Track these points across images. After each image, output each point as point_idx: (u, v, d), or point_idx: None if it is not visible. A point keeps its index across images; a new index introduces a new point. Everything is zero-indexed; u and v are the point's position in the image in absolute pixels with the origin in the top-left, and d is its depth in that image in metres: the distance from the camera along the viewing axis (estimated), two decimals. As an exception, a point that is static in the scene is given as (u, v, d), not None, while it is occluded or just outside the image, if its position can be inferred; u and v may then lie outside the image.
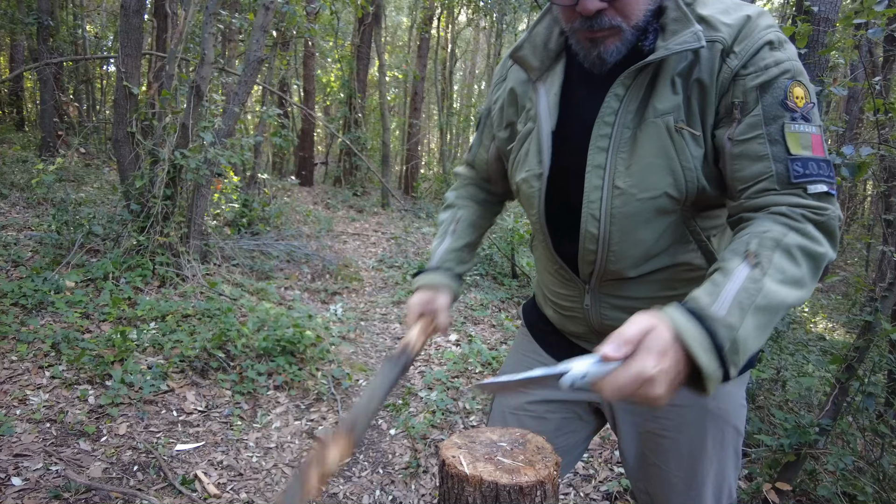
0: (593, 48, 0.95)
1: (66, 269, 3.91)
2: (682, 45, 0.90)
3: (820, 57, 2.54)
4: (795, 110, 0.89)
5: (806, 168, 0.88)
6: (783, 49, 0.92)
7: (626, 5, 0.92)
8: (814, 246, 0.84)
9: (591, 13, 0.90)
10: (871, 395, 2.29)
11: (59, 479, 2.22)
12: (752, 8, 0.95)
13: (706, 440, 1.11)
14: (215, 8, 4.47)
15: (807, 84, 0.91)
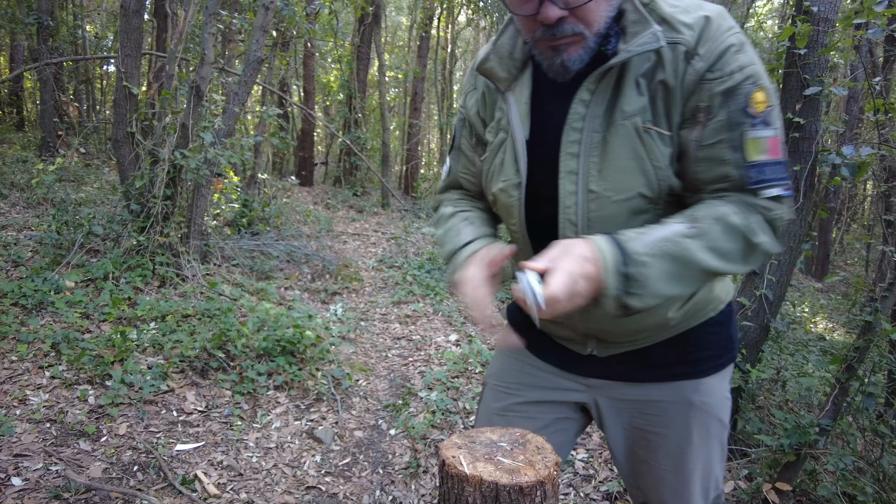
0: (556, 56, 0.96)
1: (66, 270, 3.91)
2: (643, 47, 0.92)
3: (820, 57, 2.54)
4: (756, 116, 0.93)
5: (762, 174, 0.93)
6: (745, 52, 0.94)
7: (586, 12, 0.93)
8: (753, 234, 0.92)
9: (552, 21, 0.91)
10: (871, 395, 2.29)
11: (59, 480, 2.22)
12: (711, 7, 0.96)
13: (692, 433, 1.13)
14: (215, 8, 4.47)
15: (768, 87, 0.95)
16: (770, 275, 2.66)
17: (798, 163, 2.60)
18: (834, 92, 2.45)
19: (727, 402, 1.17)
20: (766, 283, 2.65)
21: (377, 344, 4.27)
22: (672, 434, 1.13)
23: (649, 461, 1.17)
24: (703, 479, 1.16)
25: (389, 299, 5.38)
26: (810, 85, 2.51)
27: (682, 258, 0.89)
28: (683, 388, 1.12)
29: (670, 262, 0.89)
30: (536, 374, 1.25)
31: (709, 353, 1.13)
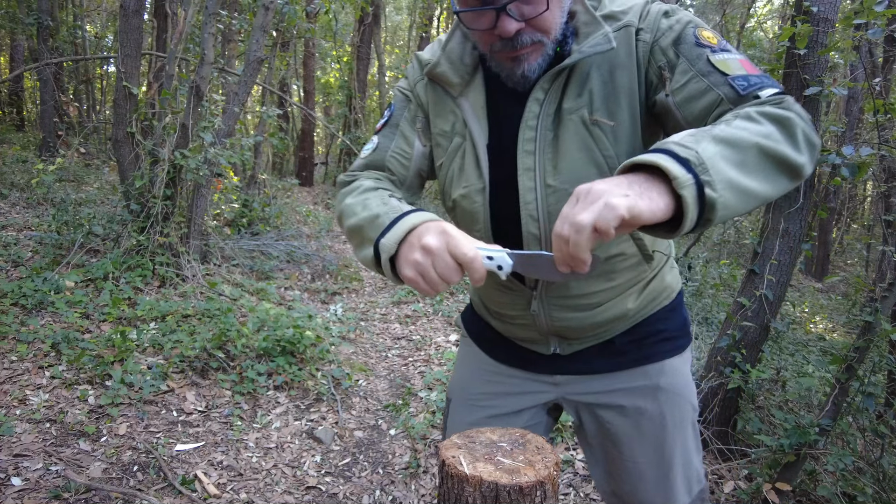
0: (516, 67, 0.97)
1: (66, 269, 3.91)
2: (595, 48, 0.96)
3: (819, 57, 2.54)
4: (712, 45, 0.95)
5: (748, 81, 0.91)
6: (678, 12, 1.00)
7: (542, 21, 0.94)
8: (777, 110, 0.85)
9: (510, 35, 0.92)
10: (870, 395, 2.29)
11: (59, 480, 2.22)
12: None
13: (665, 417, 1.14)
14: (215, 8, 4.47)
15: (711, 30, 0.99)
16: (770, 275, 2.66)
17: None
18: (834, 92, 2.45)
19: (692, 384, 1.20)
20: (765, 284, 2.65)
21: (377, 344, 4.27)
22: (645, 422, 1.14)
23: (626, 459, 1.17)
24: (683, 470, 1.17)
25: (389, 299, 5.38)
26: (810, 85, 2.51)
27: (726, 139, 0.78)
28: (648, 373, 1.15)
29: (717, 143, 0.77)
30: (502, 380, 1.24)
31: (666, 335, 1.17)
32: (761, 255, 2.71)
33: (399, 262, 0.87)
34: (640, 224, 0.71)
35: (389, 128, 1.18)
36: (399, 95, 1.19)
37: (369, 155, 1.18)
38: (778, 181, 0.81)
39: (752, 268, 2.73)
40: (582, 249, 0.72)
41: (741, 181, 0.76)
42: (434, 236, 0.83)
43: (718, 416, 2.74)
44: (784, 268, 2.68)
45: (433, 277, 0.83)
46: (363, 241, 0.96)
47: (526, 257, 0.84)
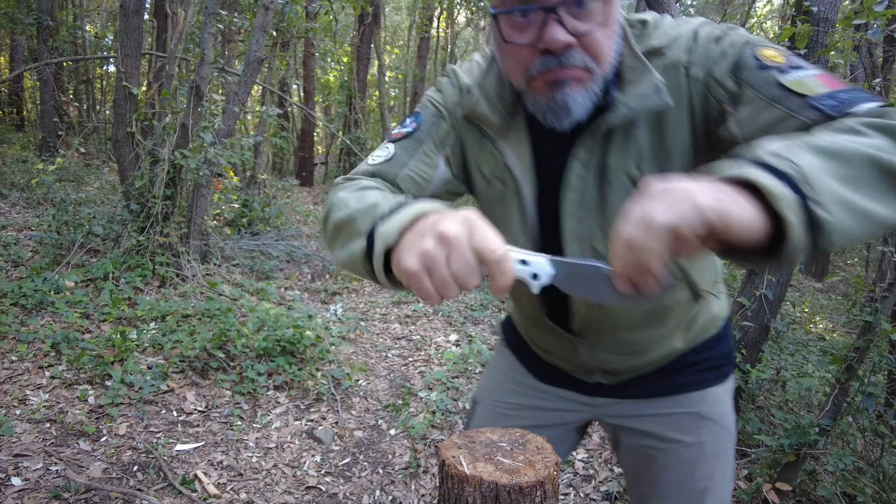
0: (557, 92, 0.82)
1: (65, 269, 3.91)
2: (644, 104, 0.84)
3: (820, 57, 2.54)
4: (779, 65, 0.80)
5: (836, 98, 0.74)
6: (731, 34, 0.86)
7: (595, 43, 0.80)
8: (885, 121, 0.68)
9: (558, 46, 0.78)
10: (870, 395, 2.29)
11: (59, 480, 2.22)
12: (691, 22, 0.90)
13: (704, 447, 1.10)
14: (215, 8, 4.47)
15: (775, 46, 0.84)
16: (770, 275, 2.66)
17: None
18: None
19: (732, 414, 1.16)
20: (765, 283, 2.65)
21: (377, 344, 4.27)
22: (683, 450, 1.10)
23: (659, 484, 1.12)
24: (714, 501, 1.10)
25: (389, 299, 5.38)
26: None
27: (829, 150, 0.64)
28: (690, 399, 1.11)
29: (818, 155, 0.63)
30: (535, 394, 1.19)
31: (711, 363, 1.12)
32: (761, 255, 2.71)
33: (399, 254, 0.68)
34: (729, 238, 0.57)
35: (411, 141, 1.01)
36: (430, 109, 1.03)
37: (381, 164, 1.00)
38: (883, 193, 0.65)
39: (753, 268, 2.73)
40: (655, 259, 0.57)
41: (855, 200, 0.62)
42: (455, 223, 0.64)
43: (718, 416, 2.74)
44: (784, 268, 2.68)
45: (444, 275, 0.64)
46: (352, 234, 0.79)
47: (573, 267, 0.68)
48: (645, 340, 1.05)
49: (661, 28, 0.90)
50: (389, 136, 1.04)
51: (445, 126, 1.02)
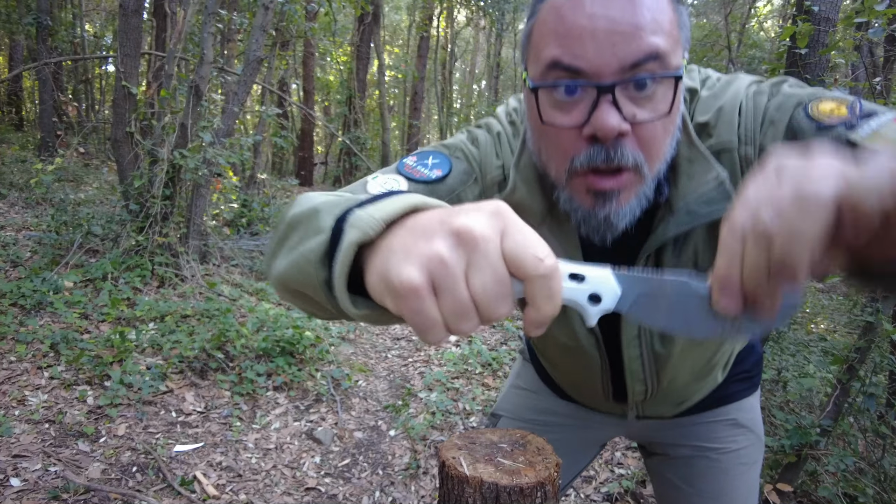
0: (599, 206, 0.69)
1: (64, 270, 3.90)
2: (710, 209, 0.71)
3: (820, 57, 2.53)
4: (844, 119, 0.66)
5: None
6: (778, 94, 0.74)
7: (653, 136, 0.66)
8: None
9: (610, 133, 0.64)
10: (872, 395, 2.28)
11: (58, 480, 2.22)
12: (734, 85, 0.78)
13: (740, 454, 1.08)
14: (214, 7, 4.46)
15: (830, 95, 0.71)
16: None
17: (799, 163, 2.59)
18: (835, 91, 2.44)
19: (761, 422, 1.14)
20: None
21: (377, 344, 4.27)
22: (717, 456, 1.07)
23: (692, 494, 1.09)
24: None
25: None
26: (811, 85, 2.50)
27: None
28: (728, 409, 1.09)
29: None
30: (563, 414, 1.14)
31: (744, 375, 1.11)
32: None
33: (385, 260, 0.44)
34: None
35: (428, 193, 0.80)
36: (463, 164, 0.84)
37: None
38: None
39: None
40: (803, 252, 0.39)
41: None
42: (481, 217, 0.43)
43: (719, 416, 2.74)
44: (785, 268, 2.68)
45: (461, 296, 0.42)
46: (308, 230, 0.54)
47: (652, 284, 0.48)
48: (693, 389, 1.02)
49: (705, 94, 0.78)
50: (403, 167, 0.82)
51: (476, 191, 0.83)
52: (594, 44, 0.63)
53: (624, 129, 0.64)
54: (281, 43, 7.33)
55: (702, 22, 11.09)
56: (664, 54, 0.64)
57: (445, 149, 0.85)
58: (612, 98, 0.63)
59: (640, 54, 0.62)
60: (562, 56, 0.64)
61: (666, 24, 0.65)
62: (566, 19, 0.64)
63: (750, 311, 0.44)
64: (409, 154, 0.86)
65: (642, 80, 0.63)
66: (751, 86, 0.77)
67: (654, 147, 0.67)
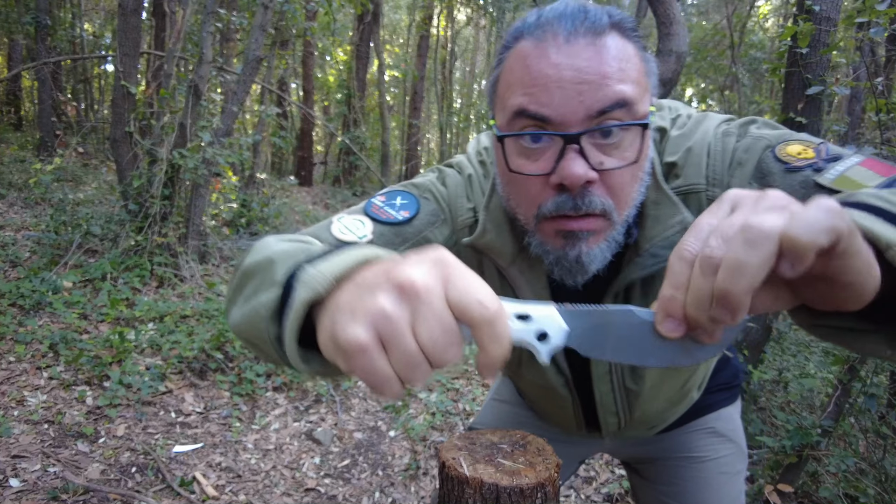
0: (569, 247, 0.69)
1: (63, 270, 3.89)
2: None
3: (821, 56, 2.53)
4: (810, 162, 0.67)
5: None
6: (746, 136, 0.74)
7: (620, 183, 0.67)
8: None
9: (577, 182, 0.64)
10: (873, 396, 2.28)
11: (58, 481, 2.21)
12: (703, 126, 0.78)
13: (720, 463, 1.09)
14: (213, 7, 4.46)
15: (797, 137, 0.72)
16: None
17: (799, 162, 2.59)
18: (836, 91, 2.44)
19: (743, 432, 1.15)
20: (767, 284, 2.64)
21: (376, 344, 4.27)
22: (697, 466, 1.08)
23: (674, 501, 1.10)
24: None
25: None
26: (812, 84, 2.50)
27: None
28: (707, 419, 1.10)
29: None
30: (540, 429, 1.14)
31: (722, 385, 1.11)
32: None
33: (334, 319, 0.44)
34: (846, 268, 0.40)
35: (395, 235, 0.80)
36: (432, 205, 0.84)
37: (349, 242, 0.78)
38: None
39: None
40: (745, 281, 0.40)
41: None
42: (422, 268, 0.44)
43: (719, 416, 2.73)
44: (785, 268, 2.67)
45: (408, 348, 0.42)
46: (263, 282, 0.55)
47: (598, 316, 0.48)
48: (668, 414, 1.03)
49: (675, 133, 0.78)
50: (370, 207, 0.82)
51: (445, 232, 0.84)
52: (560, 92, 0.63)
53: (591, 177, 0.64)
54: (280, 42, 7.33)
55: (701, 23, 11.09)
56: (631, 102, 0.64)
57: (415, 189, 0.86)
58: (578, 147, 0.64)
59: (606, 102, 0.63)
60: (528, 104, 0.65)
61: (633, 73, 0.65)
62: (532, 68, 0.65)
63: (693, 336, 0.45)
64: (378, 193, 0.86)
65: (608, 129, 0.64)
66: (720, 126, 0.77)
67: (623, 193, 0.68)
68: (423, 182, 0.87)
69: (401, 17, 18.84)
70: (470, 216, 0.84)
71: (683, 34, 3.22)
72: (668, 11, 3.20)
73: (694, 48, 7.62)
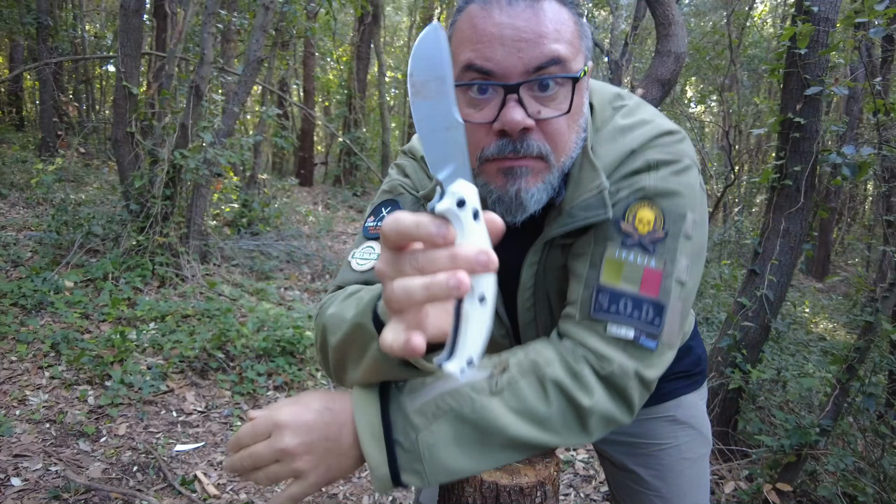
0: (510, 183, 0.75)
1: (65, 270, 3.90)
2: (588, 216, 0.78)
3: (820, 57, 2.54)
4: (630, 235, 0.77)
5: (614, 304, 0.75)
6: (654, 172, 0.79)
7: (557, 131, 0.75)
8: (578, 393, 0.72)
9: (515, 127, 0.71)
10: (871, 395, 2.28)
11: (59, 480, 2.22)
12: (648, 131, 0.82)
13: (681, 450, 1.11)
14: (214, 8, 4.47)
15: (666, 208, 0.78)
16: (770, 275, 2.65)
17: (799, 163, 2.60)
18: (834, 91, 2.45)
19: (707, 419, 1.17)
20: (766, 284, 2.65)
21: (377, 344, 4.27)
22: (659, 453, 1.11)
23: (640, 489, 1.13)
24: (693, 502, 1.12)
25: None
26: (811, 85, 2.51)
27: (475, 421, 0.69)
28: (667, 406, 1.12)
29: (459, 425, 0.69)
30: None
31: (682, 373, 1.13)
32: (762, 256, 2.71)
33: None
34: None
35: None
36: (407, 196, 0.94)
37: (371, 269, 0.88)
38: (530, 454, 0.73)
39: (753, 268, 2.73)
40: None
41: (460, 462, 0.70)
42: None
43: (719, 416, 2.74)
44: (785, 268, 2.68)
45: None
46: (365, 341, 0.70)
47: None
48: None
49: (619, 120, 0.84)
50: (367, 233, 0.93)
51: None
52: (502, 49, 0.71)
53: (528, 124, 0.72)
54: (281, 43, 7.33)
55: (700, 24, 11.08)
56: (565, 59, 0.72)
57: (389, 194, 0.96)
58: (517, 97, 0.71)
59: (542, 59, 0.71)
60: (475, 59, 0.72)
61: (567, 34, 0.73)
62: (478, 27, 0.73)
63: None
64: (366, 214, 0.95)
65: (545, 81, 0.72)
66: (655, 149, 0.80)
67: (559, 140, 0.75)
68: (392, 184, 0.96)
69: (401, 19, 18.84)
70: (433, 187, 0.92)
71: (682, 35, 3.23)
72: (667, 13, 3.21)
73: (695, 48, 7.62)
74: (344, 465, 0.71)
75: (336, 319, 0.76)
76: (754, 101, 10.00)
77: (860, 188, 11.17)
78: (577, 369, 0.73)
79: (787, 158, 2.63)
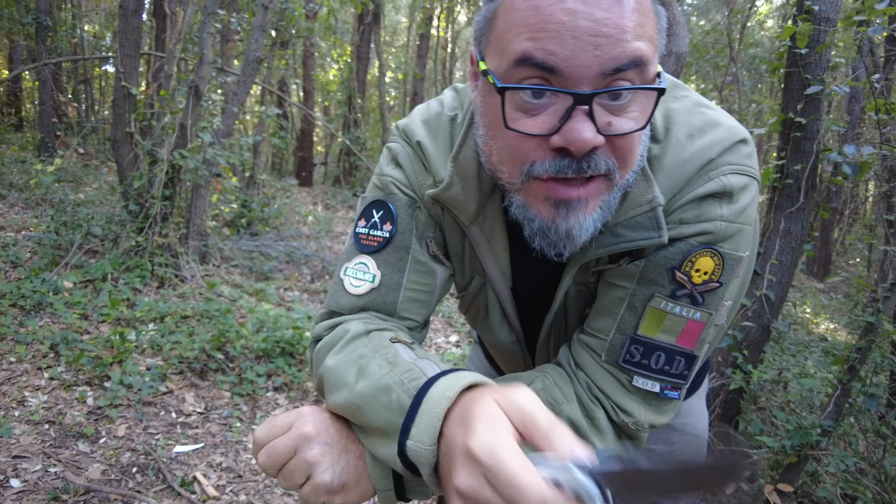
0: (561, 218, 0.61)
1: (64, 270, 3.89)
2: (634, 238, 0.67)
3: (821, 56, 2.53)
4: (683, 286, 0.66)
5: (646, 359, 0.68)
6: (727, 203, 0.66)
7: (626, 147, 0.60)
8: (591, 436, 0.69)
9: (584, 150, 0.57)
10: (872, 396, 2.28)
11: (58, 481, 2.21)
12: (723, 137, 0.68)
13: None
14: (214, 7, 4.46)
15: (727, 254, 0.66)
16: (771, 275, 2.65)
17: (799, 162, 2.59)
18: (835, 91, 2.44)
19: (706, 421, 1.15)
20: (767, 284, 2.64)
21: (377, 344, 4.26)
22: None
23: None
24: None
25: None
26: (811, 84, 2.50)
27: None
28: None
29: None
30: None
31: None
32: (762, 256, 2.70)
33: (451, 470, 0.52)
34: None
35: (394, 251, 0.78)
36: (401, 198, 0.79)
37: (368, 294, 0.77)
38: None
39: (754, 268, 2.73)
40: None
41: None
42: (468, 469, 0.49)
43: (720, 416, 2.73)
44: (785, 268, 2.67)
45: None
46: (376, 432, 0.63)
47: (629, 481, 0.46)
48: None
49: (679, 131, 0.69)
50: (359, 244, 0.80)
51: (423, 217, 0.79)
52: (575, 43, 0.54)
53: (599, 142, 0.58)
54: (280, 43, 7.33)
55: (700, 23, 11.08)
56: (646, 62, 0.57)
57: (380, 192, 0.81)
58: (588, 108, 0.56)
59: (623, 60, 0.55)
60: (535, 52, 0.55)
61: (650, 30, 0.58)
62: (543, 10, 0.55)
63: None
64: (357, 216, 0.83)
65: (620, 92, 0.58)
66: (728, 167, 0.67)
67: (629, 156, 0.61)
68: (384, 180, 0.81)
69: (401, 18, 18.84)
70: (431, 182, 0.78)
71: (683, 35, 3.22)
72: (669, 10, 3.20)
73: (694, 47, 7.61)
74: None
75: (336, 380, 0.67)
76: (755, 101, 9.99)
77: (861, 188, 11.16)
78: (593, 413, 0.70)
79: (787, 158, 2.63)
